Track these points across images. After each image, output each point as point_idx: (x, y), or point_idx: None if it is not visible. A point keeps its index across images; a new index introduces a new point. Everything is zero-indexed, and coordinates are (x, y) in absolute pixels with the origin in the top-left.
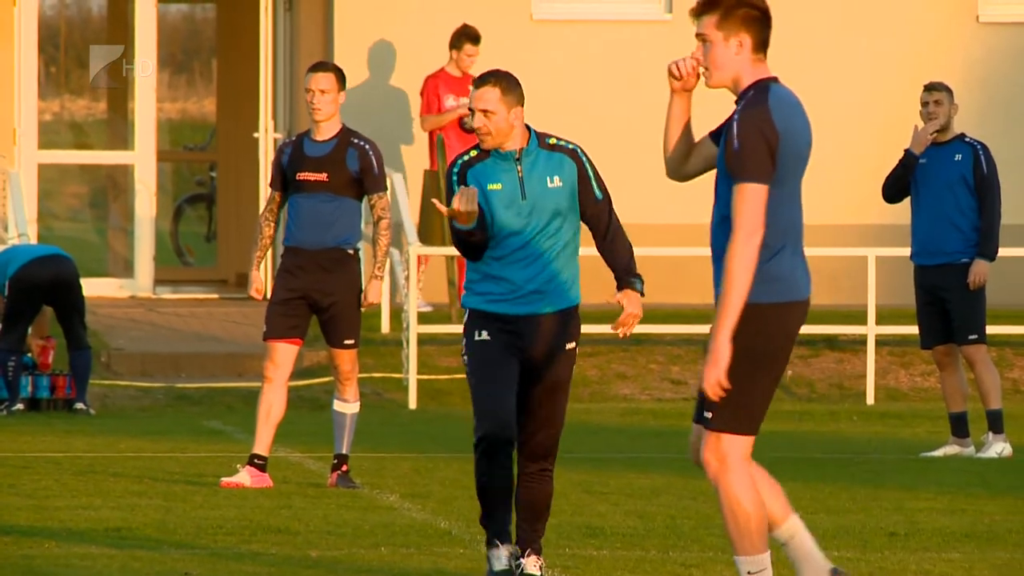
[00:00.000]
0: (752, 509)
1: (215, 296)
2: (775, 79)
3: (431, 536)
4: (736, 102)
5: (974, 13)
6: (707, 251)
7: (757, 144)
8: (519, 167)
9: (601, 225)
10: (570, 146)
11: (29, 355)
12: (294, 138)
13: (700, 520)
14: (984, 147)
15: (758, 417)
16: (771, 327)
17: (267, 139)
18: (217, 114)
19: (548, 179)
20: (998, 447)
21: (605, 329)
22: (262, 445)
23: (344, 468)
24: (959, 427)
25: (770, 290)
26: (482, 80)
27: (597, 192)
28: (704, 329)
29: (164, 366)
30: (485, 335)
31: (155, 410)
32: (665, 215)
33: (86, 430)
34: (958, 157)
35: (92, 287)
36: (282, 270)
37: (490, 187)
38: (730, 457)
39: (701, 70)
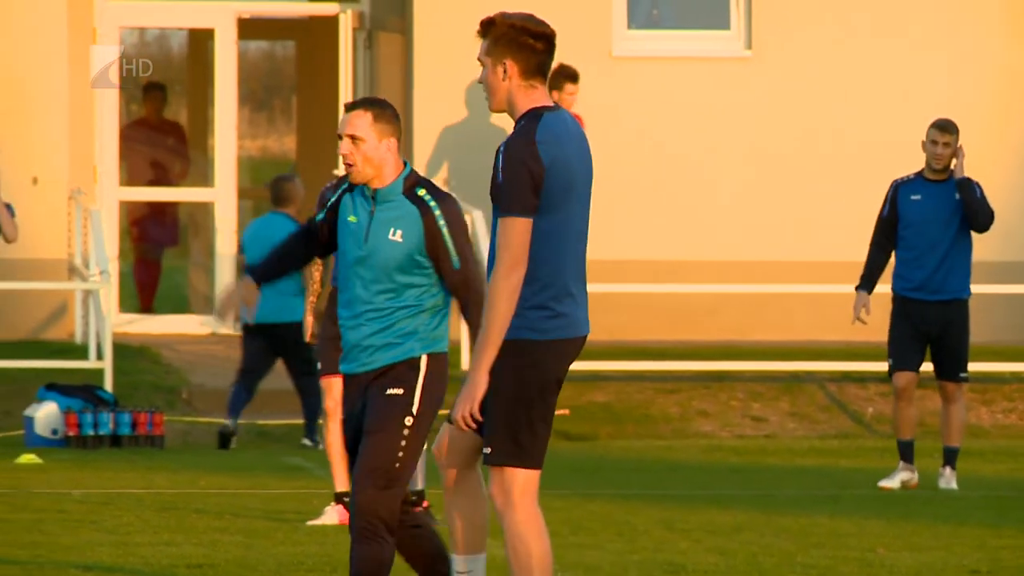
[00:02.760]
0: (534, 546)
1: None
2: (550, 107)
3: (507, 572)
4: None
5: None
6: (788, 287)
7: (520, 176)
8: (373, 207)
9: (459, 298)
10: (430, 201)
11: (109, 391)
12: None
13: (782, 557)
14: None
15: (537, 450)
16: (544, 362)
17: None
18: (297, 151)
19: (391, 230)
20: (954, 482)
21: (686, 366)
22: (343, 481)
23: (425, 504)
24: (911, 453)
25: (543, 326)
26: (353, 104)
27: (454, 260)
28: (785, 366)
29: None
30: (344, 412)
31: (236, 446)
32: (744, 252)
33: (168, 466)
34: (959, 196)
35: (174, 324)
36: (333, 306)
37: (349, 218)
38: (514, 492)
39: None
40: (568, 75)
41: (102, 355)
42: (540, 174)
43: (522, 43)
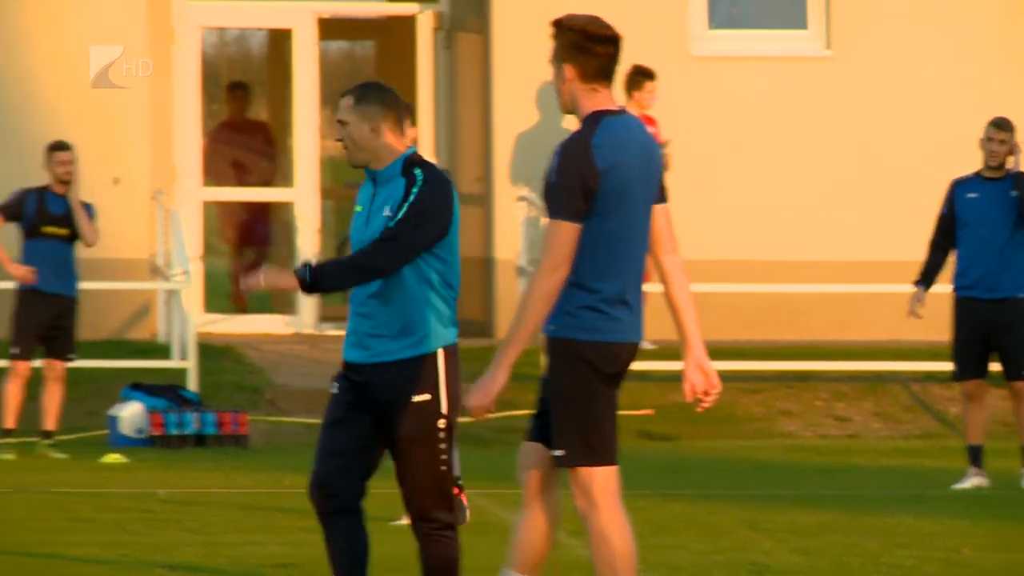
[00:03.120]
0: (618, 545)
1: None
2: (614, 111)
3: (592, 572)
4: None
5: None
6: (872, 287)
7: (572, 181)
8: (374, 189)
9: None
10: (419, 175)
11: (193, 391)
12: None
13: (868, 558)
14: None
15: (607, 446)
16: (596, 362)
17: None
18: None
19: (386, 208)
20: None
21: (769, 366)
22: None
23: (455, 491)
24: (980, 458)
25: (596, 326)
26: (345, 92)
27: (396, 218)
28: (869, 366)
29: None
30: (335, 388)
31: None
32: (827, 252)
33: (252, 466)
34: (1014, 193)
35: (257, 323)
36: None
37: (357, 207)
38: (594, 491)
39: None
40: (645, 73)
41: (185, 355)
42: (594, 178)
43: (581, 47)
